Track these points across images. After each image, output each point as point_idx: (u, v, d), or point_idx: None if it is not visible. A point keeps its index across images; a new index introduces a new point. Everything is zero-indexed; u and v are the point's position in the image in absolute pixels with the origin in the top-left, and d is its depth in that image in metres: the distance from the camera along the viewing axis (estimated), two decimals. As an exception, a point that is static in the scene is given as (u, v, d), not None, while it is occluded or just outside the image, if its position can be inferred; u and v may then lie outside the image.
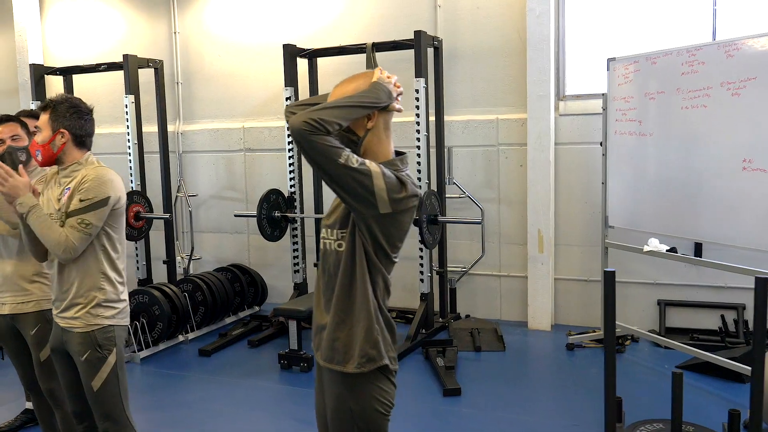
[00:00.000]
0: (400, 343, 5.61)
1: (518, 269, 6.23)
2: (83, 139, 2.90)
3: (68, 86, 7.20)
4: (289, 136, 6.17)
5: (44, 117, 2.85)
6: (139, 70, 6.52)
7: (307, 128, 1.85)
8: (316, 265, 6.61)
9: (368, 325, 2.04)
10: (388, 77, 2.06)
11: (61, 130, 2.83)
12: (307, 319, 5.04)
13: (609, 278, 3.25)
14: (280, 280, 7.03)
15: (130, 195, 6.33)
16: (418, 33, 5.50)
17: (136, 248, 6.62)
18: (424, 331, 5.82)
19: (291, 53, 6.07)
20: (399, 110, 2.08)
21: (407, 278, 6.24)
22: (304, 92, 6.32)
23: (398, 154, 2.13)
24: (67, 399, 3.07)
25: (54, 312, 2.92)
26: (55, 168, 2.96)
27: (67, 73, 7.01)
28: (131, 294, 5.83)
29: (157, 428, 4.27)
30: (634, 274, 5.79)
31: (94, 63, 6.81)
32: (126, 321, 3.01)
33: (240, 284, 6.66)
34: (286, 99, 6.07)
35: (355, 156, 1.92)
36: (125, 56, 6.31)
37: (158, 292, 5.75)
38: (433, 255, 6.05)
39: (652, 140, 4.91)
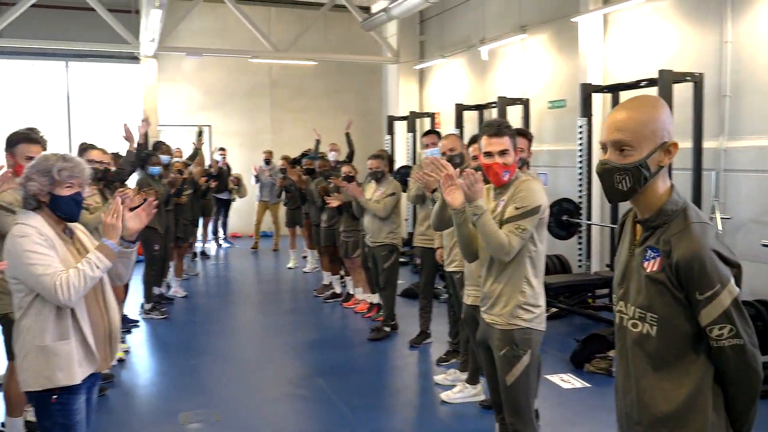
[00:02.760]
0: None
1: None
2: None
3: (615, 103, 7.54)
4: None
5: (509, 140, 3.19)
6: (677, 85, 6.38)
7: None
8: None
9: None
10: None
11: (516, 152, 3.20)
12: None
13: None
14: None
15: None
16: None
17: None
18: None
19: None
20: None
21: None
22: None
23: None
24: (489, 390, 3.41)
25: (481, 309, 3.28)
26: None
27: (612, 90, 7.35)
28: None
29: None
30: None
31: (641, 79, 6.94)
32: (542, 326, 3.17)
33: (763, 323, 5.83)
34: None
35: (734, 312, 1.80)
36: (660, 71, 6.27)
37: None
38: None
39: None
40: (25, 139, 3.85)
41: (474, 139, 4.03)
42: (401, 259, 7.00)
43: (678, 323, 1.79)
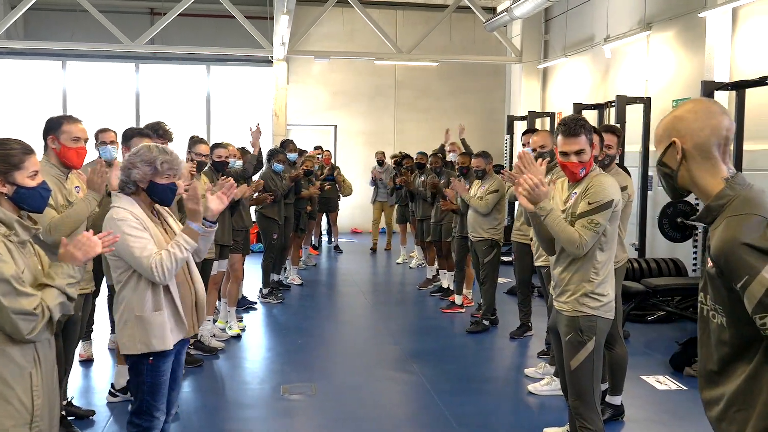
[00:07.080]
0: None
1: None
2: None
3: (739, 101, 7.17)
4: None
5: (585, 139, 3.21)
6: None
7: None
8: None
9: None
10: None
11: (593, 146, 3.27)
12: None
13: None
14: None
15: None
16: None
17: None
18: None
19: None
20: None
21: None
22: None
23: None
24: (559, 374, 3.48)
25: (552, 296, 3.36)
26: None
27: (736, 87, 6.99)
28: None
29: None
30: None
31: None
32: (610, 315, 3.21)
33: None
34: None
35: None
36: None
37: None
38: None
39: None
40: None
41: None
42: (505, 258, 7.07)
43: (741, 311, 1.76)
